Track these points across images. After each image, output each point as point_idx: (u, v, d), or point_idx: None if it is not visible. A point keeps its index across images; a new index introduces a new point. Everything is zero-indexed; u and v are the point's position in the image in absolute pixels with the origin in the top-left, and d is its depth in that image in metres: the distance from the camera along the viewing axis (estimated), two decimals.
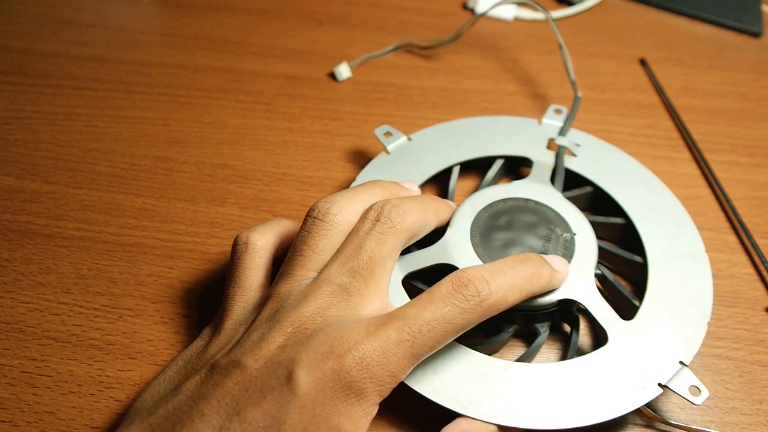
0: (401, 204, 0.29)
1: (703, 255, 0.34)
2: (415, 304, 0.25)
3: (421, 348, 0.25)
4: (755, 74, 0.51)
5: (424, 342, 0.24)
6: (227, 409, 0.22)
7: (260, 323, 0.26)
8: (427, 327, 0.25)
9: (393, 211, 0.29)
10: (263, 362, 0.24)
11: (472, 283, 0.26)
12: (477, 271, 0.26)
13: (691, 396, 0.28)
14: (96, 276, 0.36)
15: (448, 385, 0.28)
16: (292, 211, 0.40)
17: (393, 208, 0.29)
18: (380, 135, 0.39)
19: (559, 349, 0.33)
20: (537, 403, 0.28)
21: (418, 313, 0.25)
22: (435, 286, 0.26)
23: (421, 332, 0.24)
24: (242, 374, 0.23)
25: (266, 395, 0.22)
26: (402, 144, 0.39)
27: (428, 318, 0.25)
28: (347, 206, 0.29)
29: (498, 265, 0.28)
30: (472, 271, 0.26)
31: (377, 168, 0.38)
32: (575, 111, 0.42)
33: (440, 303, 0.25)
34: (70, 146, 0.43)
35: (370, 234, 0.28)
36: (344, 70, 0.48)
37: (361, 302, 0.26)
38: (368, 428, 0.25)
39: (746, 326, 0.34)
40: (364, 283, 0.27)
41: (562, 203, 0.35)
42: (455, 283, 0.26)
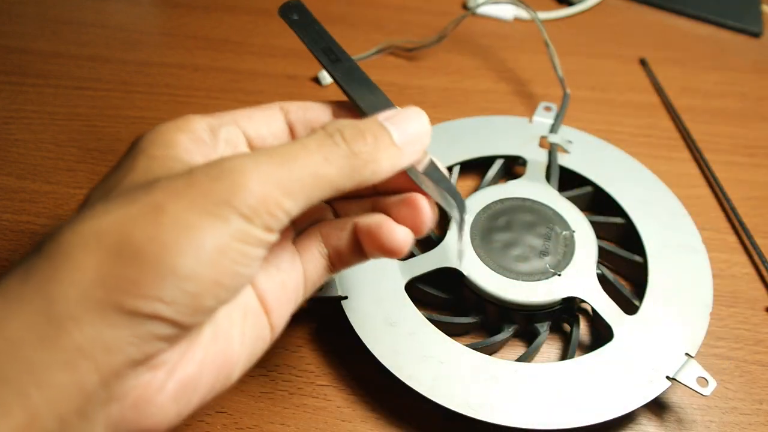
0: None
1: (700, 246, 0.34)
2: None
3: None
4: (755, 74, 0.51)
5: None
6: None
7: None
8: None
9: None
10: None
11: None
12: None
13: (700, 387, 0.28)
14: None
15: (460, 391, 0.28)
16: None
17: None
18: None
19: (558, 348, 0.33)
20: (551, 402, 0.28)
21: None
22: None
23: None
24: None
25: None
26: None
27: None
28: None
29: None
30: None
31: None
32: (565, 108, 0.42)
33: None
34: (70, 146, 0.43)
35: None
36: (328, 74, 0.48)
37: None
38: (368, 428, 0.25)
39: (746, 326, 0.34)
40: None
41: (559, 201, 0.35)
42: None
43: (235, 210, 0.18)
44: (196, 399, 0.20)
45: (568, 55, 0.51)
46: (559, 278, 0.32)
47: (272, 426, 0.30)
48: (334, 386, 0.32)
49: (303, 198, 0.19)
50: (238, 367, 0.22)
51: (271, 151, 0.20)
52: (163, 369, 0.19)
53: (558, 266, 0.32)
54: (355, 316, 0.31)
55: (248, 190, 0.18)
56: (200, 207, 0.18)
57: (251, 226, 0.18)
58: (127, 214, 0.18)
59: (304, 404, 0.31)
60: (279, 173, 0.19)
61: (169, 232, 0.17)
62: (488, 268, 0.32)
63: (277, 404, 0.31)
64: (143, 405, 0.18)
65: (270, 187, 0.19)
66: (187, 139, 0.21)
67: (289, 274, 0.24)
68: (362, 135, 0.21)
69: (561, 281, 0.32)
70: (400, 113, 0.23)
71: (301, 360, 0.33)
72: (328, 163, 0.20)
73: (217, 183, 0.18)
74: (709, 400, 0.31)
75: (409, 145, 0.22)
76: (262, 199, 0.18)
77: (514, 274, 0.32)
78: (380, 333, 0.30)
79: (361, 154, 0.21)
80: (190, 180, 0.18)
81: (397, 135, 0.22)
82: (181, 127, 0.22)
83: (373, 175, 0.21)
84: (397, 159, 0.22)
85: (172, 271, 0.17)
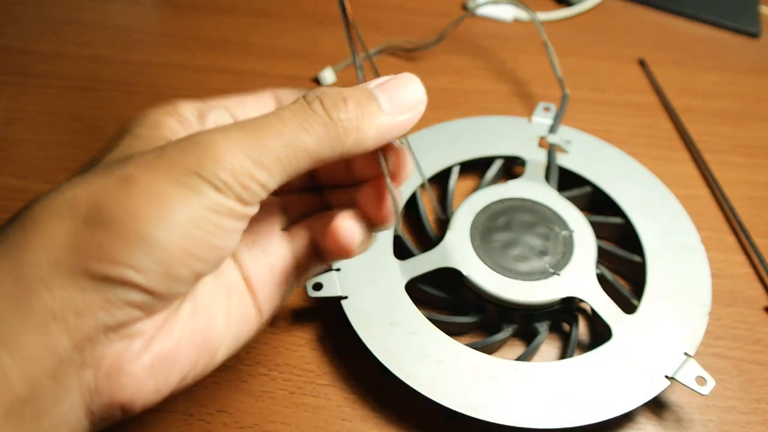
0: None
1: (699, 246, 0.34)
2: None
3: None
4: (754, 75, 0.51)
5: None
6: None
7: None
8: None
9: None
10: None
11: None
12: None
13: (698, 386, 0.28)
14: None
15: (460, 390, 0.28)
16: None
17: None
18: None
19: (557, 347, 0.34)
20: (550, 401, 0.28)
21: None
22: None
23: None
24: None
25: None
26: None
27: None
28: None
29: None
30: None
31: None
32: (564, 108, 0.42)
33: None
34: (71, 147, 0.43)
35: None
36: (329, 75, 0.48)
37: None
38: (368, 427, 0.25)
39: (744, 325, 0.35)
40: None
41: (558, 201, 0.36)
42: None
43: (205, 180, 0.18)
44: (175, 376, 0.20)
45: (568, 56, 0.51)
46: (558, 278, 0.32)
47: (273, 425, 0.30)
48: (335, 385, 0.32)
49: (279, 169, 0.19)
50: (221, 347, 0.21)
51: (244, 123, 0.19)
52: (139, 339, 0.19)
53: (557, 266, 0.33)
54: (355, 316, 0.31)
55: (217, 161, 0.18)
56: (170, 177, 0.18)
57: (223, 197, 0.18)
58: (99, 184, 0.18)
59: (304, 403, 0.31)
60: (250, 144, 0.19)
61: (139, 200, 0.18)
62: (488, 268, 0.32)
63: (278, 403, 0.31)
64: (117, 374, 0.18)
65: (240, 158, 0.18)
66: (174, 121, 0.22)
67: (277, 258, 0.24)
68: (344, 101, 0.20)
69: (560, 281, 0.32)
70: (392, 80, 0.21)
71: (302, 359, 0.33)
72: (305, 131, 0.19)
73: (187, 154, 0.18)
74: (707, 399, 0.31)
75: (400, 113, 0.21)
76: (232, 171, 0.18)
77: (514, 274, 0.32)
78: (380, 333, 0.30)
79: (342, 122, 0.20)
80: (162, 152, 0.19)
81: (386, 103, 0.21)
82: (169, 111, 0.22)
83: (358, 145, 0.20)
84: (386, 128, 0.20)
85: (141, 237, 0.17)
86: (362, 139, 0.20)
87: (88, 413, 0.18)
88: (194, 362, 0.21)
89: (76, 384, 0.18)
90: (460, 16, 0.51)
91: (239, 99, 0.24)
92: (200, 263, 0.19)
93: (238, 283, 0.22)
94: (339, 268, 0.32)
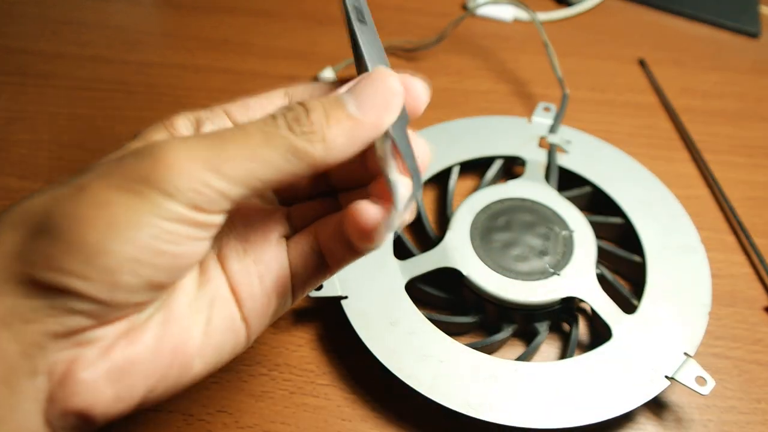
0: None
1: (699, 246, 0.34)
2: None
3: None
4: (754, 75, 0.51)
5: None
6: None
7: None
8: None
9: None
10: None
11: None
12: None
13: (698, 386, 0.28)
14: None
15: (460, 390, 0.28)
16: None
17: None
18: None
19: (557, 347, 0.34)
20: (550, 401, 0.28)
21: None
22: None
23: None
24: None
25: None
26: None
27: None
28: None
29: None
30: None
31: None
32: (564, 108, 0.42)
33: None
34: (71, 147, 0.43)
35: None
36: (329, 74, 0.48)
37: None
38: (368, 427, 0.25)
39: (744, 325, 0.35)
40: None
41: (558, 201, 0.36)
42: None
43: (154, 186, 0.18)
44: (143, 386, 0.19)
45: (568, 56, 0.51)
46: (558, 278, 0.32)
47: (273, 425, 0.31)
48: (335, 385, 0.32)
49: (241, 180, 0.19)
50: (197, 359, 0.21)
51: (209, 134, 0.19)
52: (95, 346, 0.18)
53: (557, 266, 0.33)
54: (355, 316, 0.31)
55: (170, 167, 0.18)
56: (120, 185, 0.18)
57: (173, 203, 0.18)
58: (54, 194, 0.18)
59: (304, 403, 0.31)
60: (209, 153, 0.18)
61: (86, 208, 0.18)
62: (488, 268, 0.32)
63: (278, 403, 0.31)
64: (70, 382, 0.18)
65: (196, 165, 0.18)
66: (167, 134, 0.22)
67: (269, 268, 0.23)
68: (306, 114, 0.19)
69: (560, 281, 0.32)
70: (359, 80, 0.21)
71: (302, 359, 0.33)
72: (269, 146, 0.19)
73: (141, 161, 0.18)
74: (707, 399, 0.31)
75: (370, 113, 0.20)
76: (185, 177, 0.18)
77: (514, 274, 0.32)
78: (380, 332, 0.30)
79: (306, 135, 0.19)
80: (120, 161, 0.19)
81: (353, 105, 0.20)
82: (165, 123, 0.22)
83: (329, 155, 0.19)
84: (355, 132, 0.20)
85: (82, 245, 0.17)
86: (330, 148, 0.19)
87: (47, 422, 0.18)
88: (164, 373, 0.20)
89: (31, 391, 0.18)
90: (460, 16, 0.51)
91: (244, 101, 0.24)
92: (151, 271, 0.18)
93: (224, 294, 0.22)
94: None
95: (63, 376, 0.18)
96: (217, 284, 0.22)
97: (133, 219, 0.18)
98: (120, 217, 0.17)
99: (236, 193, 0.19)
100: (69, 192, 0.18)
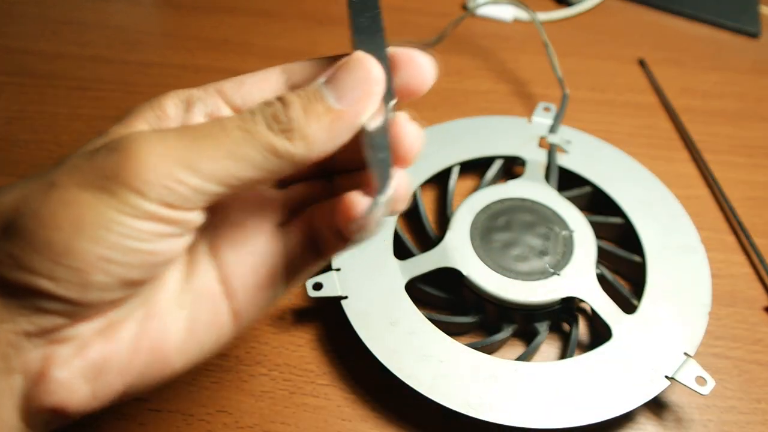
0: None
1: (699, 246, 0.34)
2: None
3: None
4: (754, 75, 0.51)
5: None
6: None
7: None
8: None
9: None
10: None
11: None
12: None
13: (698, 386, 0.28)
14: None
15: (460, 390, 0.28)
16: None
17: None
18: None
19: (557, 347, 0.34)
20: (550, 401, 0.28)
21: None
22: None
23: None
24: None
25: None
26: None
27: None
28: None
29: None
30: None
31: None
32: (564, 108, 0.42)
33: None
34: (71, 147, 0.43)
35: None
36: None
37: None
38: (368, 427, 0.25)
39: (744, 325, 0.35)
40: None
41: (558, 201, 0.36)
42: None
43: (124, 183, 0.17)
44: (120, 383, 0.19)
45: (567, 56, 0.51)
46: (558, 278, 0.32)
47: (273, 425, 0.31)
48: (335, 385, 0.32)
49: (219, 178, 0.18)
50: (178, 355, 0.20)
51: (185, 128, 0.19)
52: (70, 344, 0.18)
53: (557, 266, 0.33)
54: (355, 316, 0.31)
55: (141, 163, 0.17)
56: (88, 181, 0.17)
57: (143, 200, 0.17)
58: (24, 190, 0.18)
59: (304, 403, 0.31)
60: (183, 148, 0.18)
61: (52, 206, 0.17)
62: (488, 268, 0.32)
63: (278, 403, 0.31)
64: (45, 381, 0.18)
65: (167, 162, 0.17)
66: (153, 116, 0.21)
67: (265, 258, 0.22)
68: (284, 110, 0.19)
69: (560, 281, 0.32)
70: (338, 67, 0.20)
71: (302, 359, 0.33)
72: (247, 144, 0.18)
73: (111, 156, 0.18)
74: (707, 399, 0.31)
75: (350, 104, 0.19)
76: (156, 173, 0.17)
77: (514, 274, 0.32)
78: (380, 333, 0.30)
79: (285, 132, 0.19)
80: (91, 156, 0.18)
81: (333, 97, 0.19)
82: (153, 104, 0.21)
83: (309, 151, 0.19)
84: (336, 125, 0.19)
85: (48, 245, 0.17)
86: (312, 144, 0.19)
87: (23, 418, 0.18)
88: (141, 371, 0.20)
89: (6, 390, 0.18)
90: (460, 16, 0.51)
91: (240, 79, 0.22)
92: (123, 269, 0.18)
93: (212, 287, 0.21)
94: (339, 268, 0.32)
95: (38, 374, 0.18)
96: (207, 278, 0.21)
97: (101, 217, 0.17)
98: (87, 216, 0.17)
99: (212, 191, 0.18)
100: (38, 188, 0.18)
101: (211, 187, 0.18)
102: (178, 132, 0.18)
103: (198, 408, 0.31)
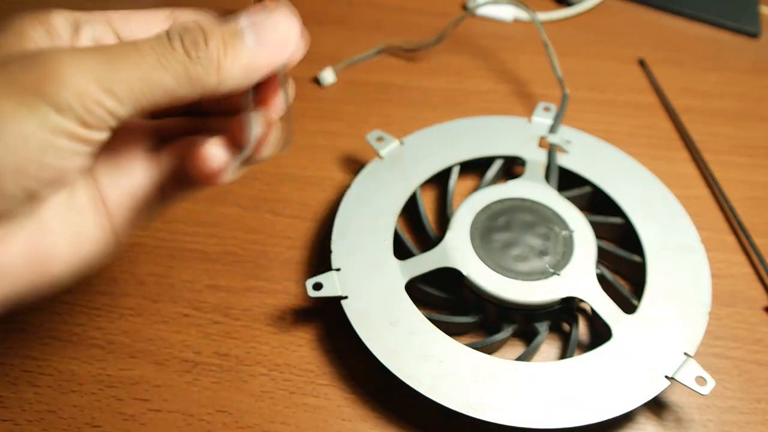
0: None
1: (699, 246, 0.34)
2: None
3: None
4: (754, 75, 0.51)
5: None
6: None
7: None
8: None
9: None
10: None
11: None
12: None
13: (698, 386, 0.28)
14: (97, 275, 0.36)
15: (460, 390, 0.28)
16: (293, 211, 0.40)
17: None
18: (372, 140, 0.39)
19: (557, 347, 0.34)
20: (550, 401, 0.28)
21: None
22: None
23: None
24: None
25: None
26: (395, 148, 0.39)
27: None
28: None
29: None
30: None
31: (372, 173, 0.38)
32: (564, 108, 0.42)
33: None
34: None
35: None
36: (328, 75, 0.48)
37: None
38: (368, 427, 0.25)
39: (744, 325, 0.35)
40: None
41: (558, 201, 0.36)
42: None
43: (44, 99, 0.18)
44: (9, 288, 0.20)
45: (567, 56, 0.51)
46: (558, 278, 0.32)
47: (273, 425, 0.30)
48: (335, 385, 0.32)
49: (131, 100, 0.19)
50: (59, 263, 0.21)
51: (102, 48, 0.19)
52: None
53: (557, 266, 0.33)
54: (355, 316, 0.31)
55: (61, 81, 0.18)
56: (7, 94, 0.18)
57: (62, 118, 0.18)
58: None
59: (304, 403, 0.31)
60: (101, 70, 0.18)
61: None
62: (488, 268, 0.32)
63: (278, 403, 0.31)
64: None
65: (88, 82, 0.18)
66: (43, 30, 0.21)
67: (138, 181, 0.23)
68: (204, 40, 0.20)
69: (560, 281, 0.32)
70: (264, 17, 0.21)
71: (302, 359, 0.33)
72: (162, 68, 0.19)
73: (30, 71, 0.18)
74: (707, 399, 0.31)
75: (268, 49, 0.21)
76: (76, 93, 0.18)
77: (514, 274, 0.32)
78: (380, 333, 0.30)
79: (202, 60, 0.19)
80: (5, 68, 0.18)
81: (252, 39, 0.20)
82: (40, 19, 0.21)
83: (222, 84, 0.20)
84: (252, 66, 0.20)
85: None
86: (225, 78, 0.20)
87: None
88: (28, 277, 0.20)
89: None
90: (460, 16, 0.51)
91: (126, 13, 0.23)
92: (31, 181, 0.18)
93: (92, 206, 0.22)
94: (339, 268, 0.32)
95: None
96: (86, 197, 0.22)
97: (20, 130, 0.18)
98: (7, 128, 0.17)
99: (124, 113, 0.19)
100: None
101: (125, 110, 0.19)
102: (94, 53, 0.19)
103: (198, 408, 0.31)
